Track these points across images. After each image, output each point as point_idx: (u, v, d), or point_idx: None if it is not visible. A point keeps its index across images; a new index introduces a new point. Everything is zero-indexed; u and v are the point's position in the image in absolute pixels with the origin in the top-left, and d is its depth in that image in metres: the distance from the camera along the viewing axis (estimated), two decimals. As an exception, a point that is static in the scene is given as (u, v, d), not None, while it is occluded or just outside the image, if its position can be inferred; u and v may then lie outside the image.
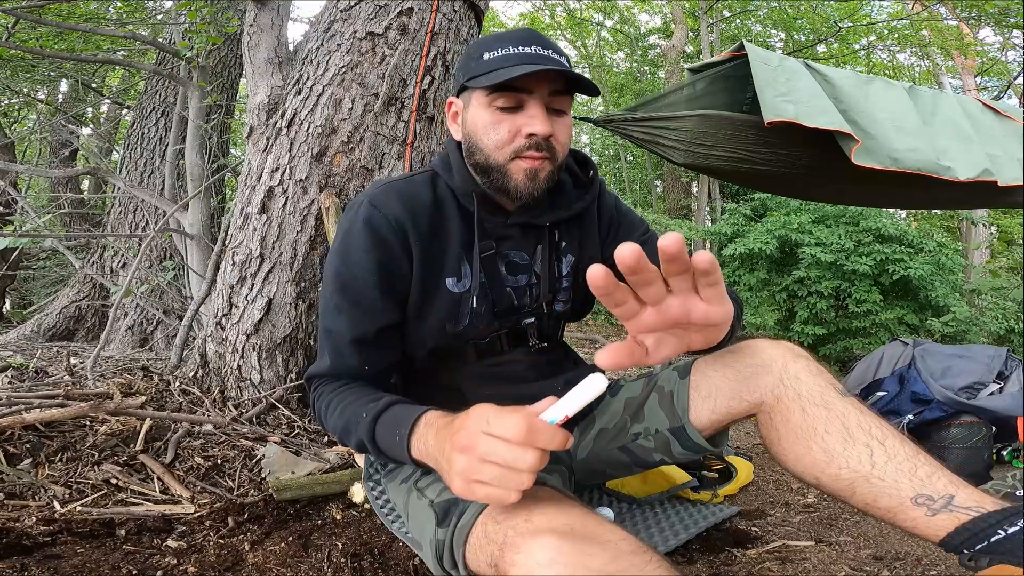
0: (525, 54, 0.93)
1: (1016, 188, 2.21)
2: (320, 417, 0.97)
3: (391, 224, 0.96)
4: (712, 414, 1.00)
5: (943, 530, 0.83)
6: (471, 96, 0.98)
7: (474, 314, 1.01)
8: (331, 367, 0.98)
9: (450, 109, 1.03)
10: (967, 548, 0.81)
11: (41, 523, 1.34)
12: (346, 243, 0.98)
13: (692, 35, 9.74)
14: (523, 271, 1.06)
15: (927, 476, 0.86)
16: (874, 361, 2.66)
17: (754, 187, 4.80)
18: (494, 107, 0.94)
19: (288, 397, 2.18)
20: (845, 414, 0.92)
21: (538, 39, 0.96)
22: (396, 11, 2.36)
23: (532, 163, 0.94)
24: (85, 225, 5.25)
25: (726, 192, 8.89)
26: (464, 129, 1.00)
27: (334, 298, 0.98)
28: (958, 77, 9.73)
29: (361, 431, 0.87)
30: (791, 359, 0.97)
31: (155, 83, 4.56)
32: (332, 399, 0.95)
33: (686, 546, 1.38)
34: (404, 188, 1.00)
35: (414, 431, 0.80)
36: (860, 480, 0.88)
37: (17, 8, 3.13)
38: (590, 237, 1.12)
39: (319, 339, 1.00)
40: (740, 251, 5.39)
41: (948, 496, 0.84)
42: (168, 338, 3.77)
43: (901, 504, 0.86)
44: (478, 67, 0.95)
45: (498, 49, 0.94)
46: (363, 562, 1.29)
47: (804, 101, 2.08)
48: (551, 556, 0.67)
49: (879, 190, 2.62)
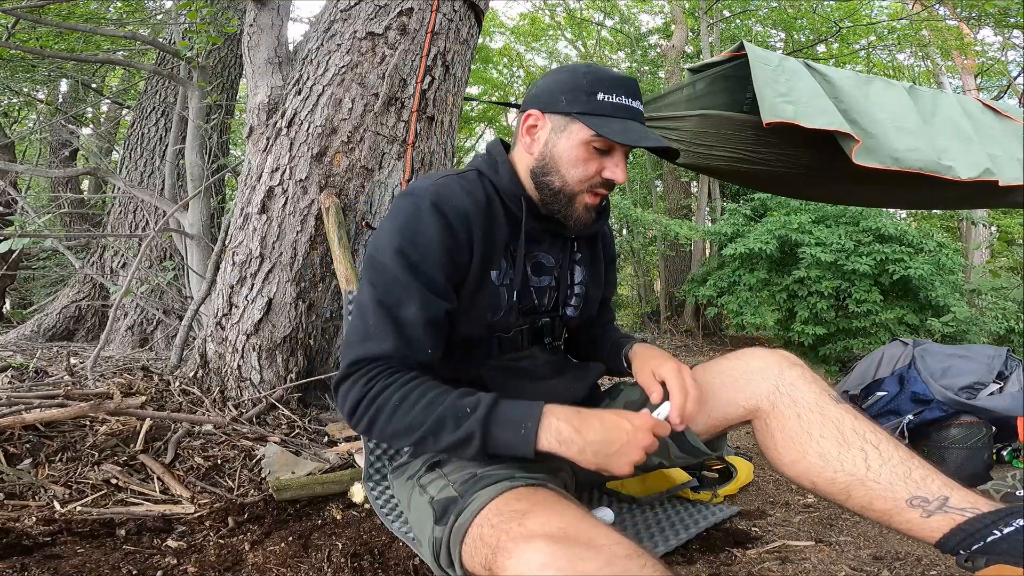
0: (632, 108, 1.00)
1: (1016, 188, 2.21)
2: (376, 406, 0.90)
3: (460, 214, 0.98)
4: (708, 419, 1.04)
5: (939, 531, 0.85)
6: (568, 124, 1.01)
7: (508, 307, 1.05)
8: (395, 348, 0.92)
9: (527, 120, 1.05)
10: (963, 549, 0.83)
11: (41, 523, 1.34)
12: (413, 227, 0.97)
13: (692, 35, 9.73)
14: (547, 273, 1.12)
15: (921, 479, 0.88)
16: (874, 361, 2.65)
17: (754, 187, 4.80)
18: (591, 146, 0.99)
19: (288, 397, 2.18)
20: (840, 420, 0.95)
21: (638, 92, 1.02)
22: (396, 11, 2.36)
23: (596, 200, 1.04)
24: (85, 225, 5.25)
25: (726, 192, 8.89)
26: (544, 149, 1.03)
27: (402, 278, 0.94)
28: (958, 77, 9.73)
29: (471, 425, 0.86)
30: (787, 367, 1.01)
31: (155, 83, 4.56)
32: (410, 390, 0.90)
33: (686, 546, 1.38)
34: (463, 183, 1.03)
35: (543, 425, 0.85)
36: (855, 483, 0.91)
37: (17, 8, 3.13)
38: (597, 257, 1.21)
39: (372, 321, 0.94)
40: (740, 251, 5.39)
41: (943, 498, 0.86)
42: (168, 338, 3.77)
43: (896, 506, 0.88)
44: (591, 104, 0.99)
45: (612, 95, 0.99)
46: (363, 562, 1.29)
47: (804, 101, 2.08)
48: (543, 561, 0.67)
49: (879, 190, 2.62)
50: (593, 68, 1.02)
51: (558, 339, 1.18)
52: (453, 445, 0.87)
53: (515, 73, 12.08)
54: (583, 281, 1.17)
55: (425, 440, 0.88)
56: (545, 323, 1.14)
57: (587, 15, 11.58)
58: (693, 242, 8.14)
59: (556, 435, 0.85)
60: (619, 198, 7.44)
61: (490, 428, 0.86)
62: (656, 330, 8.24)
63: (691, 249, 8.61)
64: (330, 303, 2.27)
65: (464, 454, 0.88)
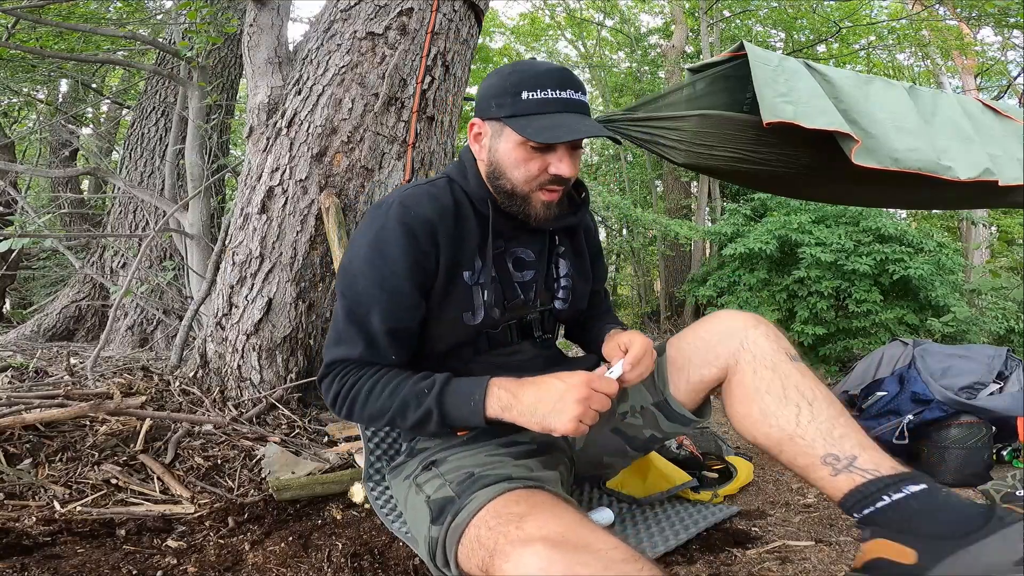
0: (562, 100, 0.99)
1: (1016, 188, 2.21)
2: (350, 399, 0.99)
3: (424, 222, 1.01)
4: (687, 384, 1.08)
5: (840, 491, 0.88)
6: (502, 128, 1.02)
7: (487, 306, 1.07)
8: (362, 355, 1.01)
9: (472, 130, 1.08)
10: (857, 511, 0.86)
11: (41, 523, 1.34)
12: (381, 238, 1.01)
13: (692, 35, 9.73)
14: (529, 268, 1.14)
15: (840, 437, 0.91)
16: (874, 361, 2.65)
17: (754, 187, 4.80)
18: (528, 146, 1.00)
19: (288, 397, 2.18)
20: (787, 376, 0.98)
21: (571, 81, 1.01)
22: (396, 11, 2.36)
23: (552, 196, 1.04)
24: (85, 225, 5.25)
25: (726, 192, 8.88)
26: (490, 156, 1.05)
27: (370, 290, 1.01)
28: (958, 77, 9.73)
29: (428, 403, 0.94)
30: (752, 325, 1.04)
31: (155, 83, 4.56)
32: (375, 382, 0.98)
33: (686, 546, 1.38)
34: (430, 191, 1.06)
35: (488, 394, 0.92)
36: (785, 439, 0.94)
37: (17, 8, 3.13)
38: (581, 250, 1.22)
39: (343, 328, 1.02)
40: (740, 251, 5.38)
41: (852, 457, 0.89)
42: (168, 338, 3.77)
43: (813, 463, 0.91)
44: (516, 105, 0.99)
45: (536, 91, 0.98)
46: (363, 562, 1.29)
47: (804, 101, 2.07)
48: (540, 566, 0.68)
49: (879, 190, 2.61)
50: (519, 67, 1.02)
51: (549, 332, 1.19)
52: (417, 423, 0.95)
53: (515, 73, 12.03)
54: (568, 273, 1.18)
55: (394, 420, 0.97)
56: (534, 318, 1.15)
57: (587, 15, 11.58)
58: (693, 242, 8.14)
59: (498, 402, 0.92)
60: (619, 198, 7.43)
61: (444, 403, 0.94)
62: (656, 330, 8.24)
63: (691, 249, 8.61)
64: (330, 303, 2.27)
65: (427, 430, 0.97)
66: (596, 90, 10.44)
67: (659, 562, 1.09)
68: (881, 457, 0.89)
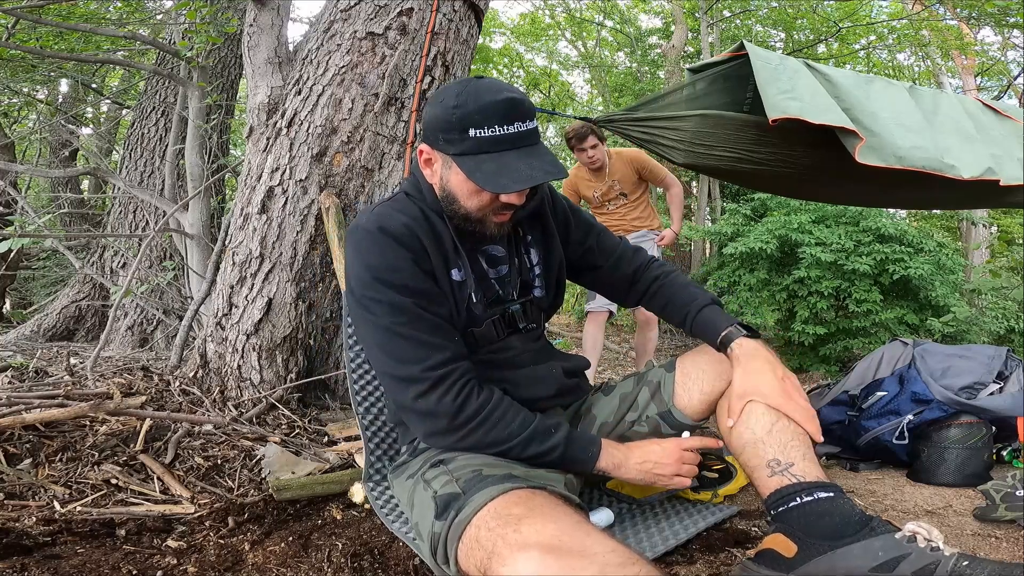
0: (510, 137, 0.97)
1: (1017, 188, 2.20)
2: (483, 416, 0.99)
3: (405, 230, 1.03)
4: (702, 394, 1.15)
5: (769, 489, 1.00)
6: (451, 162, 1.01)
7: (471, 305, 1.09)
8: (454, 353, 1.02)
9: (422, 156, 1.07)
10: (773, 509, 1.00)
11: (41, 523, 1.34)
12: (377, 253, 1.02)
13: (692, 35, 9.72)
14: (502, 263, 1.16)
15: (787, 445, 1.01)
16: (874, 361, 2.65)
17: (754, 187, 4.80)
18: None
19: (288, 397, 2.18)
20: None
21: (517, 111, 0.97)
22: (396, 11, 2.36)
23: (505, 218, 1.06)
24: (85, 225, 5.26)
25: (726, 192, 8.88)
26: (442, 183, 1.05)
27: (395, 302, 1.00)
28: (958, 77, 9.73)
29: (555, 441, 1.01)
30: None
31: (155, 83, 4.56)
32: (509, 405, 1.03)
33: (686, 546, 1.38)
34: (395, 206, 1.08)
35: (604, 449, 1.05)
36: (754, 442, 1.03)
37: (17, 8, 3.13)
38: (549, 233, 1.22)
39: (397, 348, 1.00)
40: (740, 251, 5.38)
41: (789, 463, 1.00)
42: (168, 338, 3.77)
43: (759, 464, 1.03)
44: (464, 143, 0.97)
45: (483, 128, 0.95)
46: (363, 562, 1.29)
47: (807, 98, 2.07)
48: (536, 570, 0.69)
49: (880, 190, 2.61)
50: (463, 100, 0.96)
51: (534, 322, 1.20)
52: (537, 455, 1.01)
53: (515, 73, 12.07)
54: (539, 262, 1.20)
55: (513, 448, 1.00)
56: (516, 310, 1.16)
57: (587, 15, 11.58)
58: (693, 242, 8.14)
59: (611, 459, 1.05)
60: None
61: (569, 447, 1.02)
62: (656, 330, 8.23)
63: (691, 249, 8.61)
64: (330, 303, 2.27)
65: (540, 462, 1.01)
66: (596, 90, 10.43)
67: (659, 562, 1.09)
68: (813, 468, 0.99)
